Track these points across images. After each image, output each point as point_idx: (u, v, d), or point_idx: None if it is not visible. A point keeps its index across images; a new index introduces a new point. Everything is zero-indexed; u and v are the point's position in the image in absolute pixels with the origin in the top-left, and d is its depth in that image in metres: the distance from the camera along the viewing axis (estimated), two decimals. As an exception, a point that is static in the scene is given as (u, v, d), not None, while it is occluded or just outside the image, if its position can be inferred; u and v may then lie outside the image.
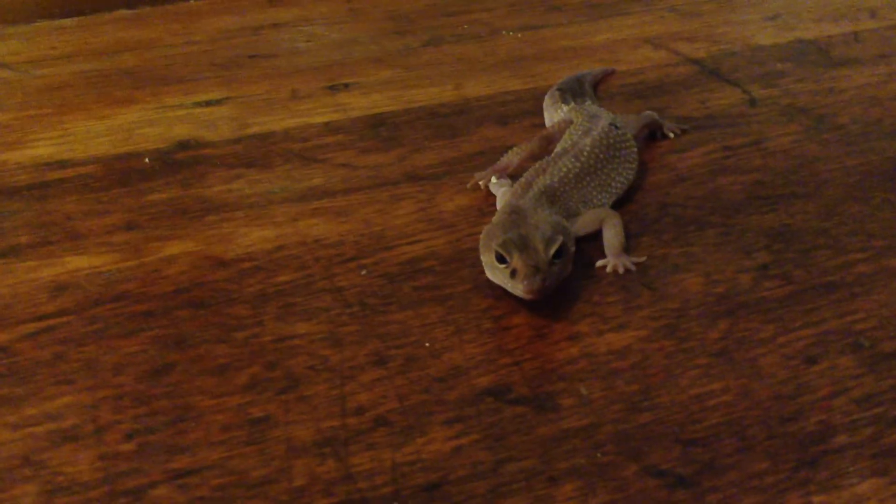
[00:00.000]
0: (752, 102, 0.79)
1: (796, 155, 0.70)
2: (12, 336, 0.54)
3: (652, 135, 0.73)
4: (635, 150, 0.66)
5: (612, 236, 0.57)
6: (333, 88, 0.88)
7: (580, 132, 0.65)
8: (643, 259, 0.57)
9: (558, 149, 0.65)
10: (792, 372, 0.47)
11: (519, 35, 1.00)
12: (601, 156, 0.63)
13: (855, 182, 0.65)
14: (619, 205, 0.63)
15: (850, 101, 0.78)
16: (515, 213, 0.55)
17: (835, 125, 0.74)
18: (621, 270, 0.56)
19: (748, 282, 0.55)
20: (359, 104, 0.84)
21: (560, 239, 0.52)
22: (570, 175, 0.60)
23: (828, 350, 0.49)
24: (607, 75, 0.86)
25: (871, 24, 0.95)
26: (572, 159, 0.61)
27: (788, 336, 0.50)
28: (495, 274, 0.53)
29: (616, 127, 0.66)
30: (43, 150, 0.79)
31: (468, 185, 0.67)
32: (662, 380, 0.47)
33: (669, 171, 0.69)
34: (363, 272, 0.58)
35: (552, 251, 0.51)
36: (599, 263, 0.57)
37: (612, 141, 0.64)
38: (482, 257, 0.54)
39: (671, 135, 0.73)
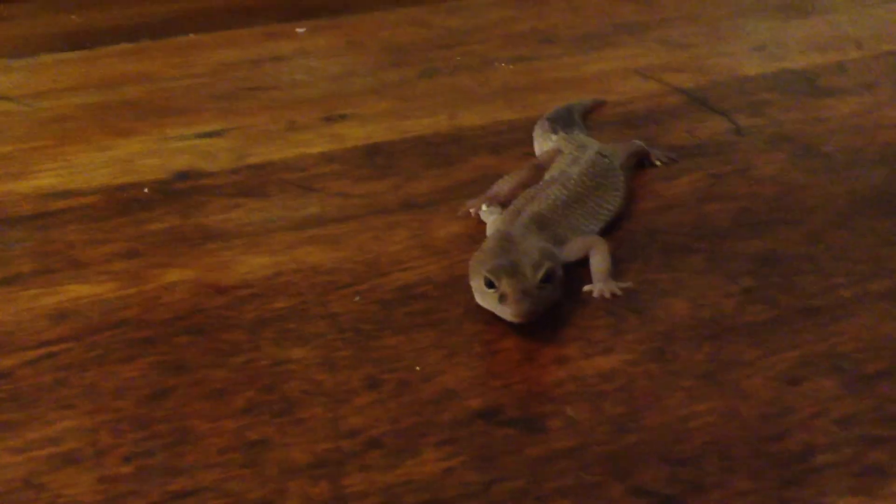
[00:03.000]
0: (739, 131, 0.81)
1: (782, 182, 0.71)
2: (14, 362, 0.55)
3: (640, 163, 0.75)
4: (622, 178, 0.68)
5: (599, 262, 0.59)
6: (330, 119, 0.90)
7: (569, 161, 0.67)
8: (630, 284, 0.58)
9: (547, 177, 0.66)
10: (775, 393, 0.48)
11: (511, 66, 1.02)
12: (589, 183, 0.64)
13: (839, 209, 0.67)
14: (607, 231, 0.65)
15: (835, 130, 0.80)
16: (504, 239, 0.57)
17: (820, 153, 0.76)
18: (608, 295, 0.57)
19: (733, 306, 0.56)
20: (355, 134, 0.86)
21: (548, 264, 0.53)
22: (559, 202, 0.62)
23: (810, 372, 0.50)
24: (597, 106, 0.87)
25: (857, 54, 0.97)
26: (560, 187, 0.63)
27: (772, 358, 0.51)
28: (485, 299, 0.54)
29: (603, 156, 0.68)
30: (45, 180, 0.80)
31: (459, 213, 0.68)
32: (649, 402, 0.48)
33: (657, 198, 0.70)
34: (357, 298, 0.59)
35: (540, 276, 0.53)
36: (586, 289, 0.58)
37: (599, 169, 0.66)
38: (472, 283, 0.56)
39: (658, 163, 0.75)
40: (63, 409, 0.51)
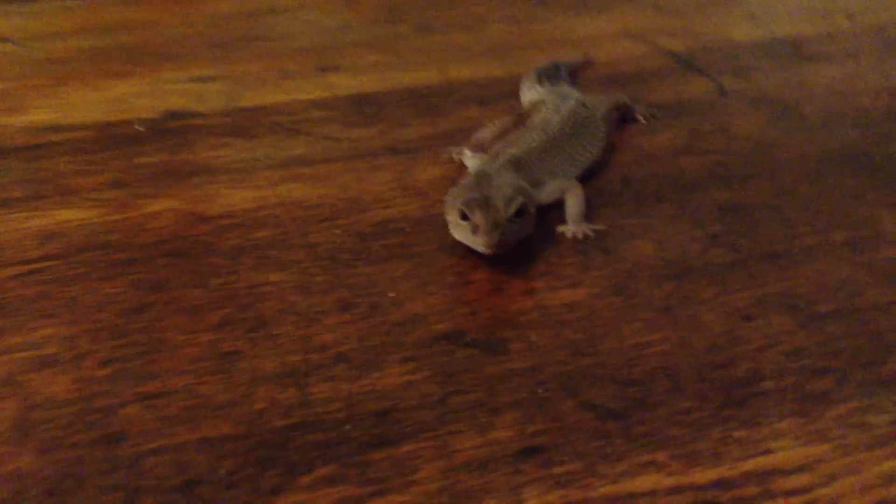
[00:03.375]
0: (723, 92, 0.82)
1: (758, 140, 0.73)
2: (1, 276, 0.57)
3: (623, 118, 0.77)
4: (602, 128, 0.69)
5: (573, 204, 0.61)
6: (323, 70, 0.92)
7: (550, 109, 0.69)
8: (601, 227, 0.60)
9: (529, 125, 0.68)
10: (728, 326, 0.50)
11: (506, 26, 1.03)
12: (568, 131, 0.66)
13: (810, 166, 0.68)
14: (584, 179, 0.66)
15: (816, 95, 0.81)
16: (480, 176, 0.58)
17: (798, 115, 0.77)
18: (580, 236, 0.59)
19: (697, 249, 0.58)
20: (346, 84, 0.87)
21: (520, 199, 0.55)
22: (537, 147, 0.63)
23: (765, 309, 0.52)
24: (585, 63, 0.89)
25: (847, 25, 0.99)
26: (540, 133, 0.65)
27: (730, 296, 0.53)
28: (458, 231, 0.56)
29: (584, 105, 0.69)
30: (40, 116, 0.82)
31: (442, 158, 0.70)
32: (607, 330, 0.50)
33: (635, 151, 0.72)
34: (336, 231, 0.61)
35: (512, 209, 0.54)
36: (560, 229, 0.60)
37: (579, 118, 0.68)
38: (447, 216, 0.57)
39: (641, 119, 0.76)
40: (45, 318, 0.53)
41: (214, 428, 0.44)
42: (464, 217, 0.55)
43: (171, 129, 0.79)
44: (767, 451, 0.42)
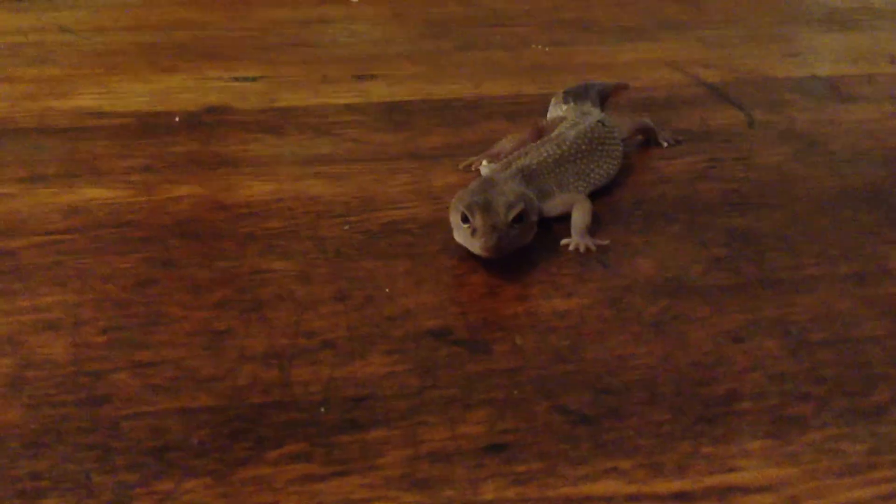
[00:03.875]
0: (751, 124, 0.82)
1: (779, 172, 0.72)
2: (21, 244, 0.60)
3: (647, 142, 0.77)
4: (620, 148, 0.70)
5: (579, 218, 0.61)
6: (361, 77, 0.94)
7: (569, 125, 0.69)
8: (606, 242, 0.60)
9: (545, 138, 0.69)
10: (716, 346, 0.50)
11: (546, 49, 1.05)
12: (583, 147, 0.66)
13: (828, 200, 0.68)
14: (595, 196, 0.66)
15: (846, 132, 0.80)
16: (486, 181, 0.59)
17: (825, 150, 0.76)
18: (582, 249, 0.59)
19: (699, 271, 0.58)
20: (380, 92, 0.89)
21: (521, 205, 0.56)
22: (549, 159, 0.64)
23: (756, 333, 0.51)
24: (620, 88, 0.89)
25: (889, 69, 0.97)
26: (554, 146, 0.65)
27: (722, 318, 0.53)
28: (459, 233, 0.57)
29: (604, 124, 0.70)
30: (85, 101, 0.86)
31: (459, 166, 0.71)
32: (593, 340, 0.51)
33: (653, 173, 0.72)
34: (346, 227, 0.63)
35: (511, 214, 0.55)
36: (564, 241, 0.60)
37: (597, 136, 0.68)
38: (451, 219, 0.58)
39: (664, 143, 0.76)
40: (55, 285, 0.55)
41: (195, 399, 0.46)
42: (464, 219, 0.56)
43: (207, 122, 0.82)
44: (733, 469, 0.41)
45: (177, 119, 0.82)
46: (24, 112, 0.83)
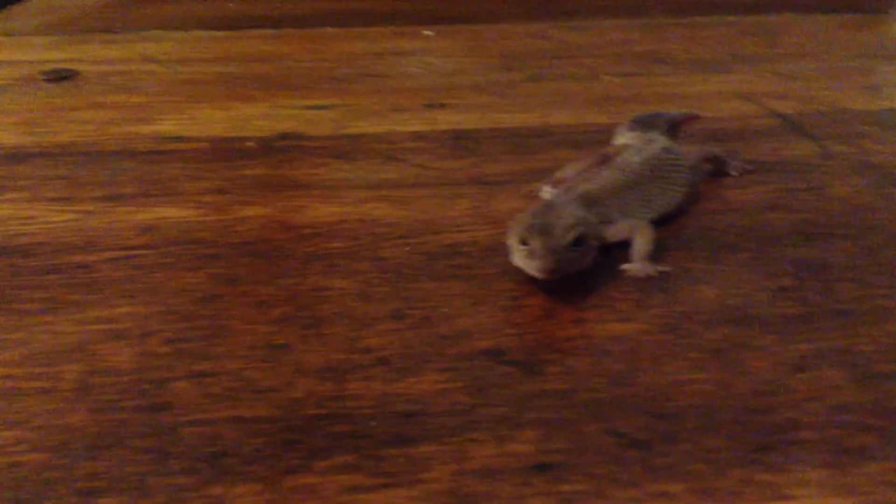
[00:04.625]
0: (826, 156, 0.80)
1: (852, 203, 0.70)
2: (97, 258, 0.62)
3: (717, 172, 0.76)
4: (686, 176, 0.69)
5: (641, 244, 0.61)
6: (430, 106, 0.95)
7: (634, 151, 0.69)
8: (668, 269, 0.60)
9: (609, 164, 0.69)
10: (777, 375, 0.49)
11: (617, 80, 1.05)
12: (647, 173, 0.66)
13: (904, 232, 0.66)
14: (660, 223, 0.66)
15: (926, 165, 0.78)
16: (547, 205, 0.59)
17: (902, 183, 0.74)
18: (643, 275, 0.59)
19: (764, 299, 0.57)
20: (449, 120, 0.91)
21: (580, 228, 0.56)
22: (611, 185, 0.64)
23: (820, 363, 0.50)
24: (690, 118, 0.88)
25: (975, 101, 0.94)
26: (617, 171, 0.65)
27: (785, 347, 0.51)
28: (517, 255, 0.57)
29: (670, 152, 0.69)
30: (165, 127, 0.89)
31: (522, 192, 0.72)
32: (649, 365, 0.50)
33: (721, 202, 0.71)
34: (406, 248, 0.63)
35: (570, 237, 0.55)
36: (624, 266, 0.60)
37: (663, 163, 0.68)
38: (508, 241, 0.59)
39: (734, 173, 0.75)
40: (125, 298, 0.57)
41: (251, 409, 0.47)
42: (523, 242, 0.56)
43: (279, 147, 0.84)
44: (788, 497, 0.40)
45: (251, 144, 0.84)
46: (108, 136, 0.86)
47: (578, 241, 0.56)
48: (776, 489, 0.41)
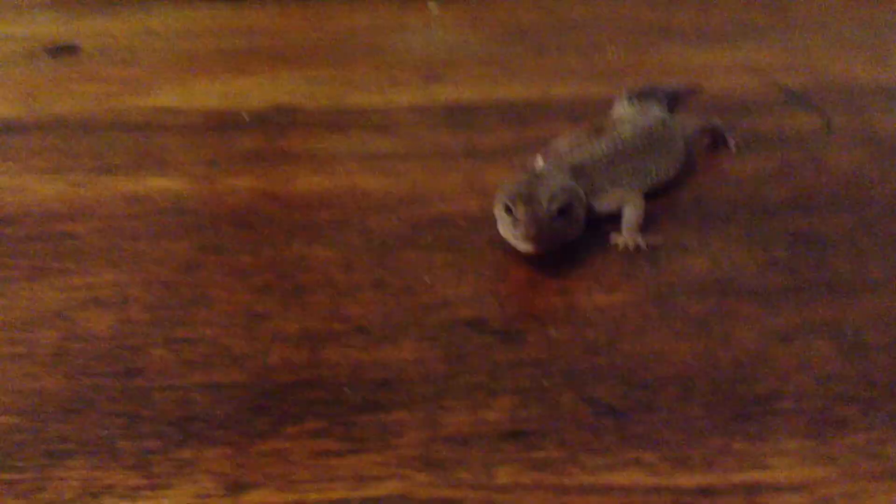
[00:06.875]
0: (829, 129, 0.79)
1: (853, 176, 0.69)
2: (83, 228, 0.62)
3: (714, 143, 0.74)
4: (681, 147, 0.68)
5: (630, 214, 0.59)
6: (429, 78, 0.94)
7: (626, 123, 0.68)
8: (658, 240, 0.58)
9: (602, 136, 0.67)
10: (762, 346, 0.48)
11: (621, 53, 1.03)
12: (640, 145, 0.65)
13: (903, 204, 0.64)
14: (653, 195, 0.65)
15: (930, 138, 0.76)
16: (534, 174, 0.58)
17: (905, 155, 0.72)
18: (631, 247, 0.58)
19: (753, 271, 0.55)
20: (446, 92, 0.89)
21: (564, 197, 0.55)
22: (602, 156, 0.63)
23: (807, 334, 0.49)
24: (691, 90, 0.87)
25: None
26: (608, 142, 0.64)
27: (773, 318, 0.50)
28: (502, 225, 0.56)
29: (665, 124, 0.68)
30: (162, 99, 0.88)
31: (515, 163, 0.70)
32: (631, 335, 0.49)
33: (718, 175, 0.70)
34: (394, 220, 0.63)
35: (555, 206, 0.54)
36: (612, 236, 0.59)
37: (656, 134, 0.66)
38: (494, 211, 0.58)
39: (732, 145, 0.74)
40: (109, 266, 0.57)
41: (225, 375, 0.46)
42: (508, 211, 0.55)
43: (274, 120, 0.83)
44: (765, 467, 0.39)
45: (245, 116, 0.84)
46: (104, 109, 0.86)
47: (564, 211, 0.55)
48: (754, 458, 0.40)
